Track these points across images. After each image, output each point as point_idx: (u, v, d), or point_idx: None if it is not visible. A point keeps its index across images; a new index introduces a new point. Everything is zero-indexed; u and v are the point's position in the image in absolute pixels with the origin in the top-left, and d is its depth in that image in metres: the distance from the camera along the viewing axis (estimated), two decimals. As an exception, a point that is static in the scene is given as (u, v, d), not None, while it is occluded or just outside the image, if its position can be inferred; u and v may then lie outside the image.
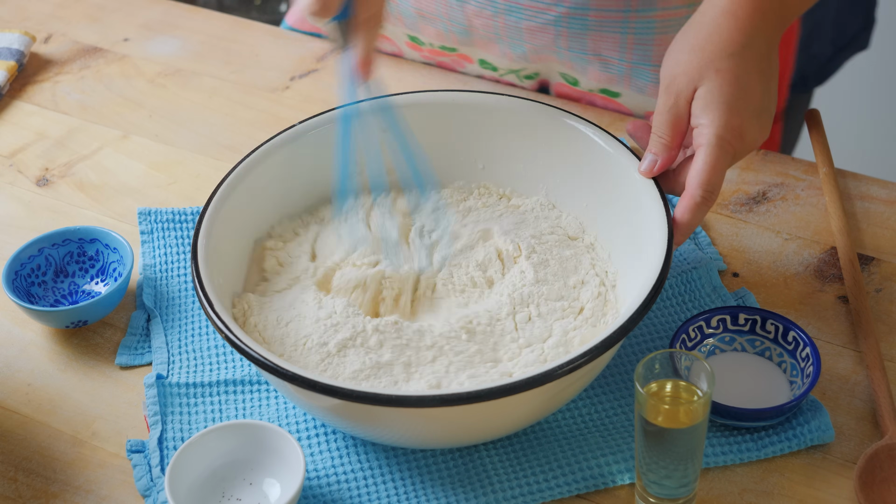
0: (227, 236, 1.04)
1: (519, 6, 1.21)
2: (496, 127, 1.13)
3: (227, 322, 0.94)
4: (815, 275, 1.12)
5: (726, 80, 0.98)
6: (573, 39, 1.22)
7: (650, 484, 0.91)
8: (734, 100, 0.98)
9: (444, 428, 0.95)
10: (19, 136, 1.33)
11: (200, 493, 0.94)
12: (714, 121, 0.97)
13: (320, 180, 1.13)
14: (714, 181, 0.97)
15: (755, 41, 0.99)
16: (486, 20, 1.24)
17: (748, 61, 0.99)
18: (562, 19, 1.21)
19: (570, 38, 1.22)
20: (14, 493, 0.98)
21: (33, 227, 1.22)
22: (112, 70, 1.42)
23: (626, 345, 1.06)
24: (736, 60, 0.98)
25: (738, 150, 0.99)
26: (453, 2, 1.25)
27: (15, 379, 1.08)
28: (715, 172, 0.97)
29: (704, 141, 0.97)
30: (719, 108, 0.98)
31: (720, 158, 0.97)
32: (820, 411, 0.99)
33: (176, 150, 1.30)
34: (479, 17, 1.24)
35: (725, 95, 0.98)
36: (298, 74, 1.39)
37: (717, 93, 0.98)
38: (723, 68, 0.98)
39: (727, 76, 0.98)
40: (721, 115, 0.98)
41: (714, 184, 0.97)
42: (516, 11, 1.22)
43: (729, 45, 0.99)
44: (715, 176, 0.97)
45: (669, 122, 1.00)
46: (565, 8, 1.20)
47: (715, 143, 0.97)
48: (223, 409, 1.03)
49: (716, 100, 0.98)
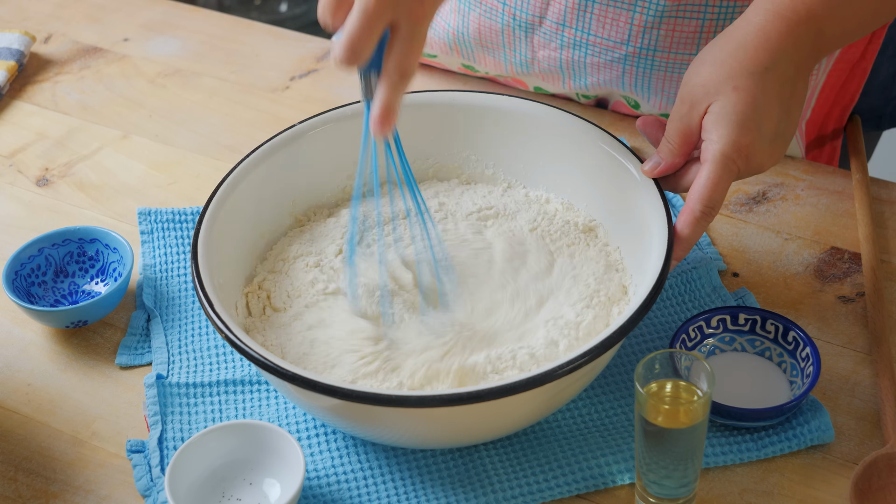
0: (227, 236, 1.04)
1: (586, 42, 1.19)
2: (495, 126, 1.13)
3: (227, 322, 0.94)
4: (815, 275, 1.12)
5: (742, 98, 0.97)
6: (639, 77, 1.21)
7: (650, 484, 0.91)
8: (746, 120, 0.97)
9: (444, 428, 0.95)
10: (19, 136, 1.33)
11: (200, 493, 0.94)
12: (722, 138, 0.97)
13: (320, 180, 1.13)
14: (715, 198, 0.96)
15: (781, 64, 0.98)
16: (551, 52, 1.22)
17: (769, 83, 0.97)
18: (629, 58, 1.19)
19: (636, 75, 1.21)
20: (14, 493, 0.98)
21: (33, 227, 1.22)
22: (112, 70, 1.42)
23: (626, 345, 1.06)
24: (756, 80, 0.97)
25: (743, 170, 0.98)
26: (520, 33, 1.23)
27: (15, 379, 1.08)
28: (716, 190, 0.96)
29: (709, 157, 0.97)
30: (729, 125, 0.97)
31: (723, 177, 0.97)
32: (820, 411, 0.99)
33: (176, 150, 1.30)
34: (544, 49, 1.23)
35: (738, 114, 0.97)
36: (298, 74, 1.39)
37: (730, 110, 0.97)
38: (741, 86, 0.97)
39: (743, 95, 0.97)
40: (730, 133, 0.97)
41: (714, 200, 0.96)
42: (583, 46, 1.20)
43: (753, 63, 0.97)
44: (716, 193, 0.96)
45: (680, 131, 1.00)
46: (633, 48, 1.19)
47: (719, 160, 0.97)
48: (223, 409, 1.03)
49: (727, 117, 0.97)
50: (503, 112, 1.13)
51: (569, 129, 1.10)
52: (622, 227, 1.06)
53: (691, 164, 1.01)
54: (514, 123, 1.12)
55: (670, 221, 0.99)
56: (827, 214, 1.18)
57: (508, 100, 1.13)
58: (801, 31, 0.98)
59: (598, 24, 1.18)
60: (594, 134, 1.08)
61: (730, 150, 0.97)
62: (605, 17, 1.18)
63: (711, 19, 1.15)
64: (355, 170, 1.14)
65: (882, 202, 1.19)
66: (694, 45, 1.17)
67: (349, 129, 1.12)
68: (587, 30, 1.19)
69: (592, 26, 1.19)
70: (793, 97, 0.99)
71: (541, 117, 1.11)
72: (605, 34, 1.18)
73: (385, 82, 0.90)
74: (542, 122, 1.11)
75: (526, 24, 1.22)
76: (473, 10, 1.24)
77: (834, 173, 1.23)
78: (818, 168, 1.24)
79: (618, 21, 1.17)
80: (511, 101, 1.13)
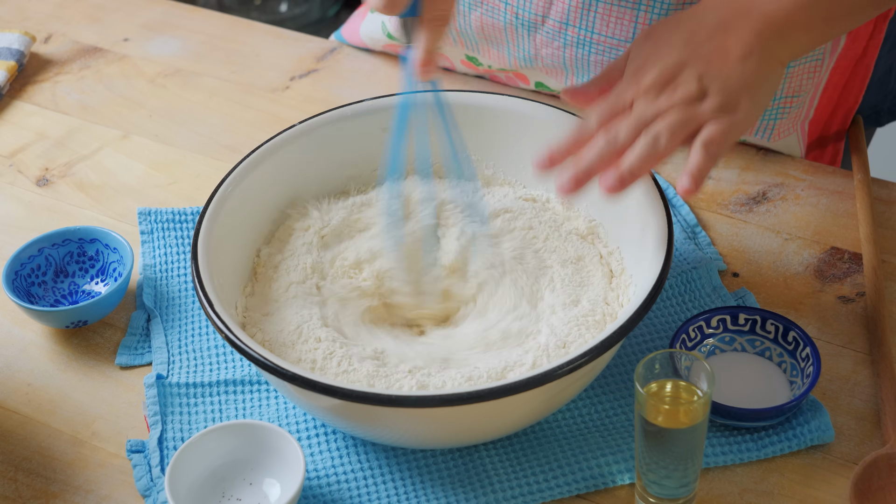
0: (228, 236, 1.04)
1: (590, 40, 1.20)
2: (494, 126, 1.13)
3: (227, 322, 0.94)
4: (815, 275, 1.12)
5: (644, 35, 1.00)
6: None
7: (650, 484, 0.91)
8: (641, 48, 1.00)
9: (444, 428, 0.95)
10: (19, 136, 1.33)
11: (200, 493, 0.94)
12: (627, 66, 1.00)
13: (321, 180, 1.13)
14: (612, 100, 0.99)
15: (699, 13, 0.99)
16: (554, 50, 1.22)
17: (675, 23, 1.00)
18: None
19: None
20: (14, 493, 0.99)
21: (33, 227, 1.22)
22: (112, 70, 1.42)
23: (626, 345, 1.06)
24: (663, 22, 1.00)
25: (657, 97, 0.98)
26: (523, 31, 1.23)
27: (15, 379, 1.08)
28: (615, 94, 0.99)
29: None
30: (629, 57, 1.00)
31: (620, 87, 0.99)
32: (820, 411, 0.99)
33: (176, 150, 1.30)
34: (547, 48, 1.23)
35: (635, 45, 1.01)
36: (298, 74, 1.39)
37: (633, 46, 1.01)
38: (650, 29, 1.01)
39: (647, 32, 1.00)
40: (629, 59, 1.00)
41: (611, 104, 0.98)
42: (586, 45, 1.20)
43: (671, 15, 1.01)
44: (613, 96, 0.99)
45: (604, 70, 1.04)
46: None
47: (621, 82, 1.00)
48: (223, 409, 1.03)
49: (631, 51, 1.01)
50: (503, 112, 1.13)
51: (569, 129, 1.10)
52: (622, 228, 1.06)
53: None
54: (515, 123, 1.12)
55: (670, 222, 0.99)
56: (827, 214, 1.18)
57: (509, 100, 1.13)
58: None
59: (603, 22, 1.18)
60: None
61: (622, 83, 0.99)
62: (610, 15, 1.18)
63: None
64: (356, 169, 1.14)
65: (883, 202, 1.19)
66: None
67: (349, 129, 1.12)
68: (591, 28, 1.19)
69: (596, 25, 1.19)
70: (709, 42, 0.98)
71: (541, 117, 1.11)
72: (609, 33, 1.18)
73: (425, 28, 0.95)
74: (541, 122, 1.11)
75: (529, 22, 1.22)
76: (475, 10, 1.24)
77: (834, 173, 1.23)
78: (818, 168, 1.24)
79: (622, 20, 1.17)
80: (511, 101, 1.13)
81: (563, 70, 1.25)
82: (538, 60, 1.25)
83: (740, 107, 0.96)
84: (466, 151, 1.08)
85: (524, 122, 1.12)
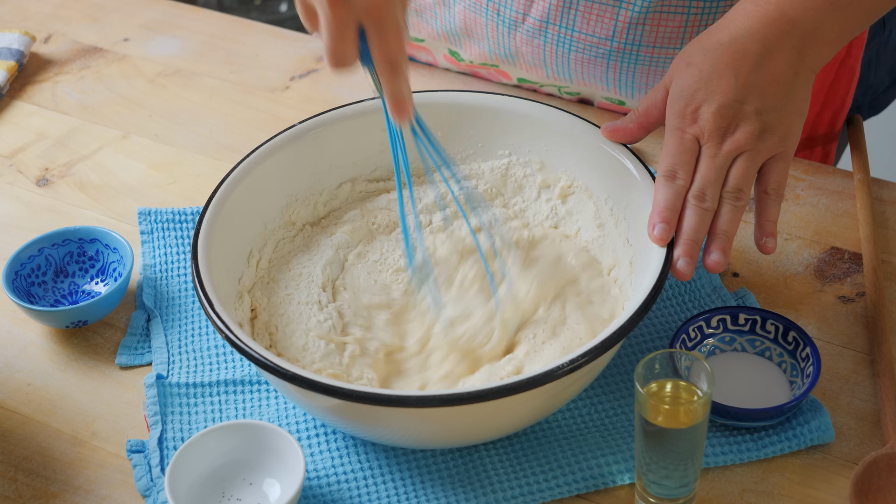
0: (227, 236, 1.04)
1: (571, 38, 1.20)
2: (493, 126, 1.13)
3: (227, 322, 0.94)
4: (815, 275, 1.13)
5: (691, 73, 1.00)
6: (623, 73, 1.21)
7: (650, 484, 0.91)
8: (692, 91, 1.00)
9: (444, 428, 0.95)
10: (19, 136, 1.33)
11: (200, 493, 0.94)
12: (670, 109, 1.00)
13: (321, 180, 1.13)
14: (669, 162, 0.99)
15: (740, 40, 0.99)
16: (534, 48, 1.23)
17: (721, 56, 0.99)
18: (614, 53, 1.20)
19: (619, 70, 1.21)
20: (14, 493, 0.99)
21: (33, 227, 1.22)
22: (112, 70, 1.42)
23: (626, 345, 1.06)
24: (706, 54, 1.00)
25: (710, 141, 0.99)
26: (503, 29, 1.23)
27: (15, 379, 1.08)
28: (668, 154, 0.99)
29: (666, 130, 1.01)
30: (677, 100, 1.00)
31: (672, 144, 0.99)
32: (820, 411, 0.99)
33: (176, 150, 1.30)
34: (527, 45, 1.23)
35: (684, 88, 1.00)
36: (298, 74, 1.39)
37: (679, 85, 1.00)
38: (693, 62, 1.00)
39: (693, 69, 1.00)
40: (674, 104, 1.00)
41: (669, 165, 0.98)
42: (567, 43, 1.20)
43: (708, 40, 1.01)
44: (668, 157, 0.99)
45: (644, 104, 1.04)
46: (618, 43, 1.19)
47: (669, 130, 1.00)
48: (223, 409, 1.03)
49: (676, 92, 1.01)
50: (503, 112, 1.13)
51: (569, 130, 1.10)
52: (622, 228, 1.06)
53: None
54: (514, 124, 1.12)
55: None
56: (827, 214, 1.18)
57: (509, 100, 1.13)
58: (769, 10, 1.00)
59: (583, 20, 1.18)
60: (594, 134, 1.08)
61: (676, 121, 0.99)
62: (591, 13, 1.18)
63: (696, 14, 1.16)
64: (356, 170, 1.14)
65: (883, 202, 1.19)
66: (678, 41, 1.18)
67: (349, 128, 1.12)
68: (572, 26, 1.19)
69: (577, 23, 1.19)
70: (758, 72, 0.99)
71: (540, 117, 1.11)
72: (589, 30, 1.19)
73: (381, 76, 0.93)
74: (541, 122, 1.11)
75: (509, 20, 1.22)
76: (458, 3, 1.25)
77: (834, 173, 1.23)
78: (818, 168, 1.24)
79: (603, 17, 1.18)
80: (511, 101, 1.13)
81: (542, 69, 1.25)
82: (519, 57, 1.25)
83: (793, 130, 1.00)
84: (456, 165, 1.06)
85: (525, 122, 1.12)
